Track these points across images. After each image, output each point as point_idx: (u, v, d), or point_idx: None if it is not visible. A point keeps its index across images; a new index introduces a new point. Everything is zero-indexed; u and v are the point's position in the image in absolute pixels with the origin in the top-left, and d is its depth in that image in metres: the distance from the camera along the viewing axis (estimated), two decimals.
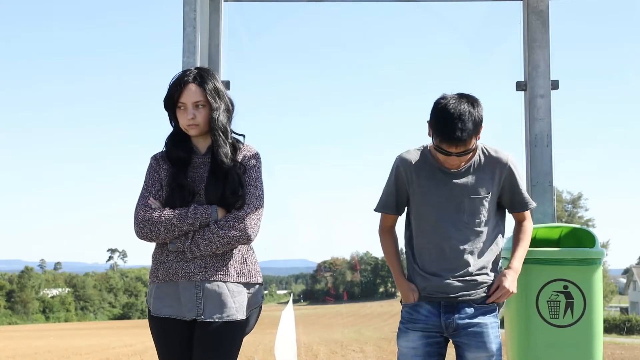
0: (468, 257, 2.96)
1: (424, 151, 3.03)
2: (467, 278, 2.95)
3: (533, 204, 3.09)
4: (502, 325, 3.09)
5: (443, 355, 3.03)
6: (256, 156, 2.93)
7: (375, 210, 3.12)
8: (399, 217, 3.12)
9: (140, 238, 2.83)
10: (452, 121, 2.79)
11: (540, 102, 4.16)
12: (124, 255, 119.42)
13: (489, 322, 2.98)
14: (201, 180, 2.87)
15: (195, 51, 3.87)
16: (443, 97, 2.87)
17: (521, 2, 4.32)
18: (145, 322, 2.96)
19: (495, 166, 3.00)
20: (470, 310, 2.96)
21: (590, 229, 3.47)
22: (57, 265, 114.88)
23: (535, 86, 4.17)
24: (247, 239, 2.82)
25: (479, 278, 2.97)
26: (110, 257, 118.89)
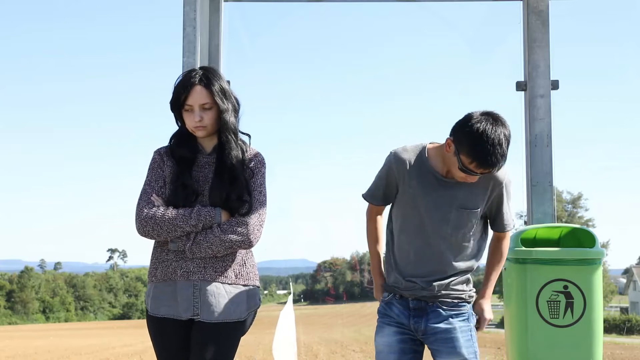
0: (445, 267, 2.93)
1: (422, 152, 2.97)
2: (440, 283, 2.92)
3: (510, 227, 3.06)
4: (502, 325, 3.08)
5: (419, 352, 3.00)
6: (262, 161, 2.92)
7: (363, 197, 3.12)
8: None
9: (141, 235, 2.81)
10: (492, 148, 2.71)
11: (540, 102, 4.15)
12: (124, 255, 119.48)
13: (458, 326, 2.93)
14: (205, 180, 2.86)
15: (195, 51, 3.87)
16: (475, 120, 2.76)
17: (521, 2, 4.32)
18: (145, 322, 2.96)
19: (490, 182, 2.94)
20: (439, 315, 2.93)
21: (590, 229, 3.47)
22: (57, 265, 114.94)
23: (535, 86, 4.17)
24: (248, 244, 2.81)
25: (453, 286, 2.94)
26: (110, 257, 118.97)
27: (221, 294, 2.81)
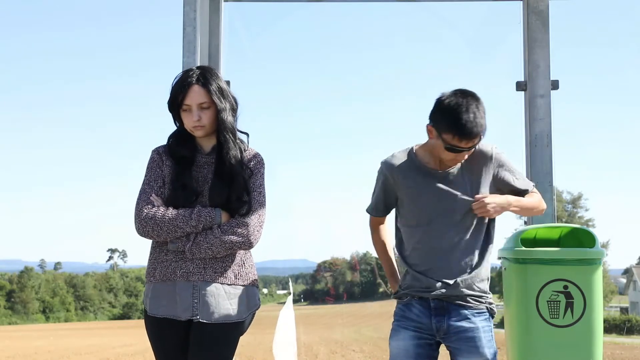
0: (460, 256, 2.93)
1: (410, 153, 3.00)
2: (459, 279, 2.92)
3: (531, 188, 3.09)
4: (502, 325, 3.08)
5: (435, 357, 2.99)
6: (261, 162, 2.91)
7: (367, 211, 3.17)
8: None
9: (141, 235, 2.80)
10: (466, 115, 2.77)
11: (540, 102, 4.15)
12: (124, 255, 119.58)
13: (481, 325, 2.94)
14: (204, 180, 2.85)
15: (195, 51, 3.86)
16: (445, 96, 2.84)
17: (521, 2, 4.32)
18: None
19: (480, 160, 2.95)
20: (461, 313, 2.93)
21: (590, 229, 3.46)
22: (57, 265, 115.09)
23: (535, 86, 4.17)
24: (248, 245, 2.81)
25: (471, 280, 2.94)
26: (110, 257, 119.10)
27: (220, 294, 2.80)
